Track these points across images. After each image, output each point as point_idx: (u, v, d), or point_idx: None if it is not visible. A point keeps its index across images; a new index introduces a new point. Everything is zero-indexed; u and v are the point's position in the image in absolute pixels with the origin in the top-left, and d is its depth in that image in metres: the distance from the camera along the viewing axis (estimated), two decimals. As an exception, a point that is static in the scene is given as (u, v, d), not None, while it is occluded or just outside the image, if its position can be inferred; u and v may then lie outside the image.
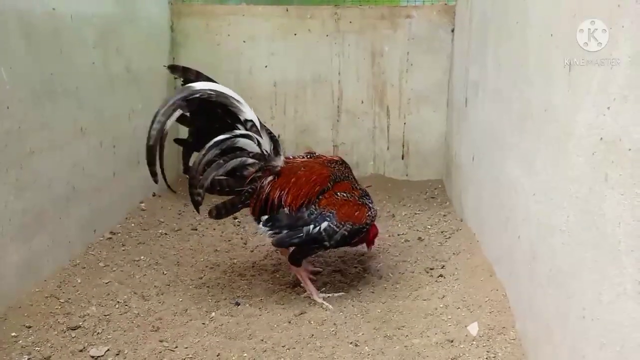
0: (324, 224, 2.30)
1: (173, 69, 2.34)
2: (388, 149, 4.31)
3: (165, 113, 2.14)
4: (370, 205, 2.44)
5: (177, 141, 2.35)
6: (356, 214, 2.36)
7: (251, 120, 2.29)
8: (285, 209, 2.31)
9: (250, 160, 2.30)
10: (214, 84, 2.26)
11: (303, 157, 2.51)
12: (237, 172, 2.30)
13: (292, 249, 2.44)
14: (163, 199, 3.68)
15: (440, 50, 4.07)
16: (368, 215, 2.40)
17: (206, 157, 2.19)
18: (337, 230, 2.31)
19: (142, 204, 3.55)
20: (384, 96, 4.20)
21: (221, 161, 2.23)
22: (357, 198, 2.40)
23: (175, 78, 2.34)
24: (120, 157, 3.26)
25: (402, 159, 4.33)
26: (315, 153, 2.59)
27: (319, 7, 4.11)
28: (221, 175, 2.25)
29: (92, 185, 2.93)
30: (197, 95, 2.18)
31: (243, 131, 2.28)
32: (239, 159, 2.27)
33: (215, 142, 2.21)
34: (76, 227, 2.77)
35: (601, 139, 1.37)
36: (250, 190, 2.32)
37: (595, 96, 1.42)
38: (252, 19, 4.12)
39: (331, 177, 2.39)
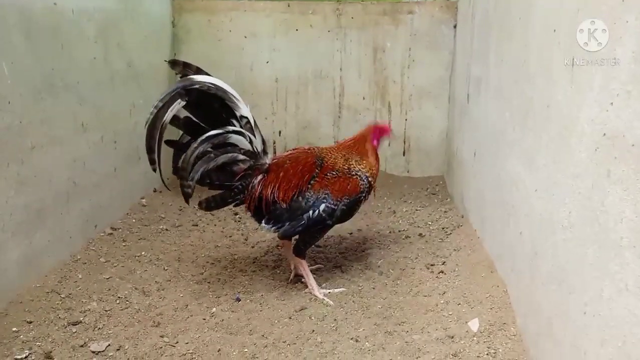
0: (322, 206, 2.36)
1: (173, 63, 2.36)
2: (389, 145, 4.30)
3: (164, 99, 2.16)
4: (361, 174, 2.44)
5: (169, 143, 2.35)
6: (349, 187, 2.41)
7: (246, 117, 2.33)
8: (281, 203, 2.35)
9: (241, 157, 2.34)
10: (214, 78, 2.28)
11: (288, 152, 2.58)
12: (228, 167, 2.34)
13: (294, 241, 2.48)
14: (164, 195, 3.68)
15: (442, 47, 4.05)
16: (361, 184, 2.44)
17: (197, 151, 2.22)
18: (335, 207, 2.37)
19: (143, 200, 3.55)
20: (386, 92, 4.19)
21: (212, 155, 2.26)
22: (346, 173, 2.43)
23: (177, 74, 2.34)
24: (121, 152, 3.26)
25: (404, 155, 4.32)
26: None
27: (321, 3, 4.09)
28: (212, 169, 2.28)
29: (93, 181, 2.93)
30: (197, 86, 2.21)
31: (236, 128, 2.31)
32: (230, 154, 2.31)
33: (207, 137, 2.24)
34: (77, 223, 2.77)
35: (604, 134, 1.36)
36: (240, 186, 2.35)
37: (598, 92, 1.41)
38: (253, 14, 4.11)
39: (317, 163, 2.43)
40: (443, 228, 3.17)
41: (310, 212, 2.35)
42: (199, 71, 2.31)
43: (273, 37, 4.12)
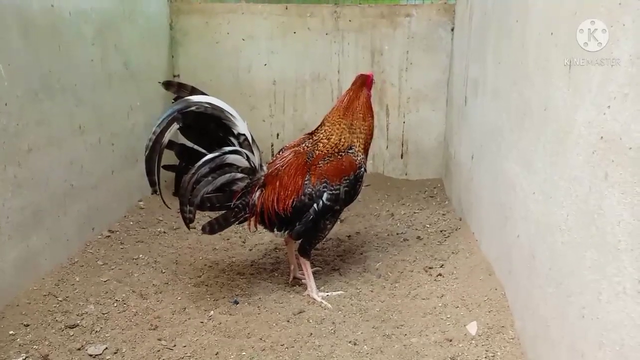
0: (324, 196, 2.36)
1: (168, 84, 2.31)
2: (387, 147, 4.31)
3: (161, 124, 2.15)
4: (352, 153, 2.43)
5: (167, 167, 2.33)
6: (343, 167, 2.40)
7: (244, 134, 2.30)
8: (283, 213, 2.36)
9: (239, 175, 2.32)
10: (210, 97, 2.26)
11: (282, 152, 2.56)
12: (227, 187, 2.32)
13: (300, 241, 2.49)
14: (162, 197, 3.67)
15: (440, 49, 4.06)
16: (356, 160, 2.43)
17: (195, 176, 2.21)
18: (338, 192, 2.38)
19: (141, 202, 3.54)
20: (384, 95, 4.20)
21: (210, 178, 2.24)
22: (337, 156, 2.41)
23: (173, 100, 2.28)
24: (118, 154, 3.25)
25: (401, 157, 4.32)
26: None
27: (319, 5, 4.10)
28: (211, 192, 2.26)
29: (91, 183, 2.92)
30: (193, 108, 2.18)
31: (232, 147, 2.29)
32: (228, 175, 2.29)
33: (204, 161, 2.22)
34: (74, 225, 2.76)
35: (601, 137, 1.36)
36: (240, 205, 2.34)
37: (595, 95, 1.41)
38: (251, 17, 4.11)
39: (308, 162, 2.42)
40: (441, 231, 3.17)
41: (315, 205, 2.36)
42: (194, 91, 2.28)
43: (271, 39, 4.13)
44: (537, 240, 1.83)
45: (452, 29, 4.00)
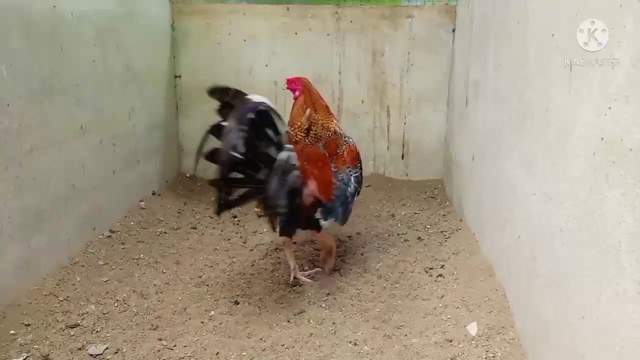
0: (352, 179, 2.58)
1: (212, 91, 2.14)
2: (388, 148, 4.31)
3: (242, 125, 1.99)
4: (352, 141, 2.72)
5: (211, 182, 2.11)
6: (354, 153, 2.67)
7: (286, 131, 2.21)
8: (325, 202, 2.43)
9: (297, 172, 2.22)
10: (260, 96, 2.13)
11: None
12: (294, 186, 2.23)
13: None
14: (163, 198, 3.68)
15: (441, 50, 4.06)
16: (354, 146, 2.71)
17: (276, 179, 2.10)
18: (358, 174, 2.64)
19: (142, 203, 3.55)
20: (385, 96, 4.20)
21: (285, 178, 2.14)
22: (344, 142, 2.67)
23: (220, 110, 2.10)
24: (119, 155, 3.25)
25: (402, 158, 4.32)
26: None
27: (320, 6, 4.10)
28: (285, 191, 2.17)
29: (92, 184, 2.93)
30: (262, 107, 2.05)
31: (288, 145, 2.18)
32: (294, 174, 2.19)
33: (280, 161, 2.11)
34: (75, 225, 2.76)
35: (602, 139, 1.37)
36: (299, 202, 2.29)
37: (596, 96, 1.41)
38: (253, 17, 4.11)
39: (325, 153, 2.57)
40: (442, 231, 3.17)
41: (348, 188, 2.55)
42: (238, 93, 2.14)
43: (272, 40, 4.13)
44: (538, 241, 1.84)
45: (454, 30, 3.99)
